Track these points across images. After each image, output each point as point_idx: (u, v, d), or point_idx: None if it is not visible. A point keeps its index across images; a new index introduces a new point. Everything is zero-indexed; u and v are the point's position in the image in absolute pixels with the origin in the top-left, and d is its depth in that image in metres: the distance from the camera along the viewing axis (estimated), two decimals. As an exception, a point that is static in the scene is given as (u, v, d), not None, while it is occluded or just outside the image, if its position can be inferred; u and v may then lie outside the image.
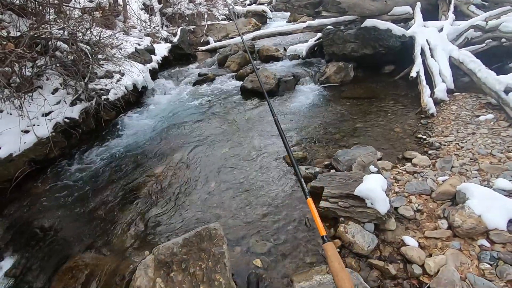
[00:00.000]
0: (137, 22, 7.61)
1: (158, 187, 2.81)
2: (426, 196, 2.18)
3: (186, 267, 1.57)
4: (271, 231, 2.13)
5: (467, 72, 3.75)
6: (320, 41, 5.79)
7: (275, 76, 4.92)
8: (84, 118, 3.84)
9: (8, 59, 3.14)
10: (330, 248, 1.35)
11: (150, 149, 3.55)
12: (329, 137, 3.32)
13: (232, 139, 3.52)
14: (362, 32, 4.94)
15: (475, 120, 3.08)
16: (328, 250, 1.35)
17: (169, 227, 2.32)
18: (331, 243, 1.39)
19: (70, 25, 4.23)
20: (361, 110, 3.88)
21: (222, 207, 2.46)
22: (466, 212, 1.82)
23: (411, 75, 4.03)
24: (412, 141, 3.02)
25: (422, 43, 4.32)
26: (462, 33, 4.48)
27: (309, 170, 2.64)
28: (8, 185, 2.92)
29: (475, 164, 2.40)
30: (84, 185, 2.97)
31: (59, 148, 3.41)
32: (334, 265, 1.29)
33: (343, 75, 4.90)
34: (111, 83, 4.53)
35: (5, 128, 3.09)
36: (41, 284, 1.97)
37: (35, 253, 2.22)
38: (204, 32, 8.94)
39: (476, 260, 1.67)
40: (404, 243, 1.84)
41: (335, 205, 2.06)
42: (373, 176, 2.06)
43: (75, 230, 2.40)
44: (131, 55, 5.55)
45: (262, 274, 1.81)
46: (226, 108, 4.48)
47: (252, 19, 10.54)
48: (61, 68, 3.90)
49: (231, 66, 6.26)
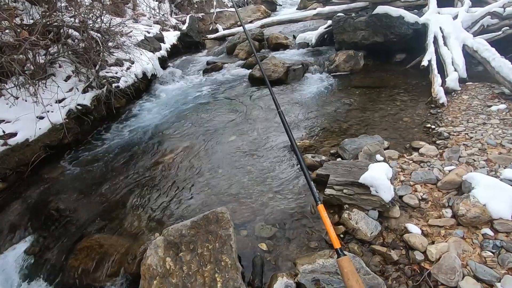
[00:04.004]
0: (146, 9, 7.61)
1: (167, 173, 2.89)
2: (431, 185, 2.19)
3: (194, 248, 1.64)
4: (277, 217, 2.18)
5: (481, 61, 3.65)
6: (330, 28, 5.69)
7: (283, 64, 4.89)
8: (95, 105, 3.93)
9: (23, 47, 3.22)
10: (346, 264, 1.18)
11: (159, 136, 3.62)
12: (337, 126, 3.32)
13: (239, 127, 3.56)
14: (373, 20, 4.83)
15: (486, 110, 3.03)
16: (344, 266, 1.17)
17: (178, 210, 2.40)
18: (347, 258, 1.21)
19: (81, 12, 4.28)
20: (370, 99, 3.85)
21: (229, 192, 2.52)
22: (471, 201, 1.82)
23: (423, 64, 3.95)
24: (421, 131, 2.99)
25: (435, 30, 4.21)
26: (478, 20, 4.34)
27: (315, 158, 2.67)
28: (25, 169, 3.05)
29: (484, 155, 2.38)
30: (96, 169, 3.08)
31: (72, 134, 3.52)
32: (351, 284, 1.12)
33: (352, 64, 4.83)
34: (122, 71, 4.60)
35: (21, 114, 3.20)
36: (59, 262, 2.09)
37: (52, 233, 2.35)
38: (213, 20, 8.88)
39: (479, 248, 1.69)
40: (407, 230, 1.87)
41: (340, 193, 2.09)
42: (378, 165, 2.07)
43: (89, 212, 2.51)
44: (141, 43, 5.58)
45: (267, 257, 1.88)
46: (234, 96, 4.50)
47: (261, 6, 10.39)
48: (73, 56, 3.98)
49: (240, 54, 6.23)
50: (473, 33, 4.19)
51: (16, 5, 4.04)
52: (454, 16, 4.43)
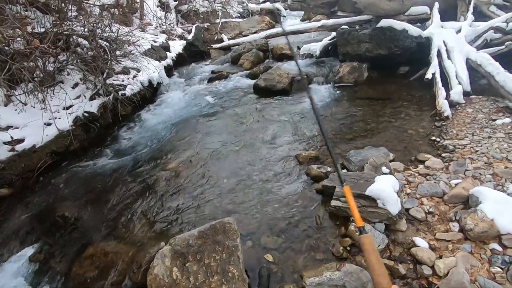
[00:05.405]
0: (153, 19, 7.75)
1: (172, 181, 2.90)
2: (438, 198, 2.19)
3: (201, 258, 1.64)
4: (282, 228, 2.18)
5: (485, 74, 3.69)
6: (334, 40, 5.76)
7: (288, 75, 4.94)
8: (102, 112, 3.97)
9: (33, 55, 3.28)
10: (367, 241, 1.24)
11: (165, 144, 3.64)
12: (342, 137, 3.33)
13: (244, 137, 3.58)
14: (377, 32, 4.90)
15: (491, 124, 3.04)
16: (365, 243, 1.23)
17: (182, 219, 2.40)
18: (368, 236, 1.27)
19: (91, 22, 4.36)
20: (374, 111, 3.87)
21: (234, 202, 2.52)
22: (479, 216, 1.82)
23: (427, 77, 3.99)
24: (426, 143, 3.00)
25: (439, 44, 4.26)
26: (481, 35, 4.39)
27: (321, 169, 2.67)
28: (31, 175, 3.07)
29: (490, 168, 2.39)
30: (102, 176, 3.09)
31: (78, 141, 3.55)
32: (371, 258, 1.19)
33: (356, 75, 4.88)
34: (128, 79, 4.66)
35: (29, 121, 3.24)
36: (63, 270, 2.08)
37: (57, 240, 2.35)
38: (218, 30, 9.01)
39: (487, 264, 1.68)
40: (414, 244, 1.86)
41: (346, 204, 2.08)
42: (385, 177, 2.08)
43: (94, 219, 2.51)
44: (147, 51, 5.67)
45: (273, 269, 1.87)
46: (239, 106, 4.54)
47: (266, 17, 10.54)
48: (82, 64, 4.04)
49: (245, 64, 6.30)
50: (476, 47, 4.24)
51: (27, 14, 4.13)
52: (457, 30, 4.50)
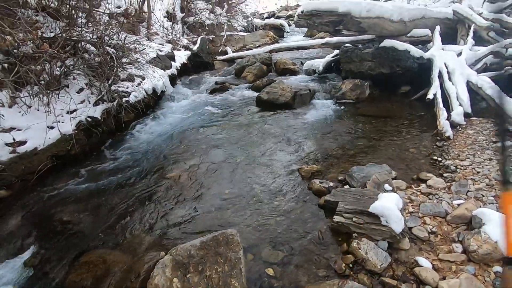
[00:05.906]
0: (159, 29, 7.89)
1: (172, 190, 2.88)
2: (440, 218, 2.18)
3: (203, 270, 1.61)
4: (284, 241, 2.15)
5: (485, 97, 3.76)
6: (337, 57, 5.88)
7: (291, 89, 5.01)
8: (105, 118, 3.98)
9: (42, 58, 3.31)
10: None
11: (167, 152, 3.64)
12: (344, 153, 3.35)
13: (246, 148, 3.59)
14: (380, 52, 5.01)
15: (492, 146, 3.08)
16: None
17: (182, 229, 2.37)
18: None
19: (100, 29, 4.43)
20: (376, 128, 3.91)
21: (235, 214, 2.50)
22: (482, 238, 1.81)
23: (428, 97, 4.06)
24: (427, 163, 3.02)
25: (440, 66, 4.36)
26: (481, 59, 4.50)
27: (323, 184, 2.67)
28: (31, 178, 3.04)
29: (492, 190, 2.39)
30: (102, 182, 3.06)
31: (80, 145, 3.53)
32: None
33: (358, 92, 4.95)
34: (133, 86, 4.70)
35: (32, 123, 3.24)
36: (59, 276, 2.03)
37: (53, 245, 2.30)
38: (223, 42, 9.18)
39: (491, 287, 1.66)
40: (417, 263, 1.84)
41: (349, 221, 2.08)
42: (389, 195, 2.08)
43: (92, 225, 2.47)
44: (153, 60, 5.74)
45: (274, 283, 1.84)
46: (241, 117, 4.57)
47: (269, 32, 10.77)
48: (88, 69, 4.08)
49: (248, 76, 6.39)
50: (476, 71, 4.33)
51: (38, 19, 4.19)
52: (458, 53, 4.61)
